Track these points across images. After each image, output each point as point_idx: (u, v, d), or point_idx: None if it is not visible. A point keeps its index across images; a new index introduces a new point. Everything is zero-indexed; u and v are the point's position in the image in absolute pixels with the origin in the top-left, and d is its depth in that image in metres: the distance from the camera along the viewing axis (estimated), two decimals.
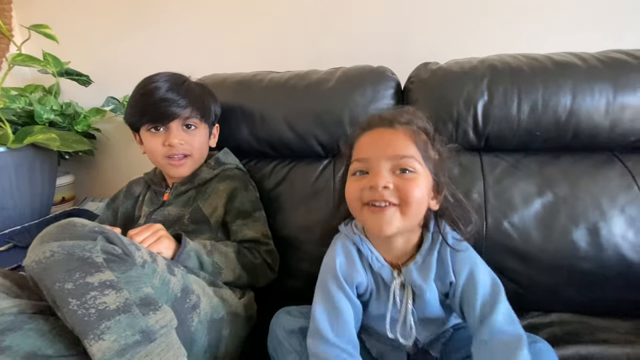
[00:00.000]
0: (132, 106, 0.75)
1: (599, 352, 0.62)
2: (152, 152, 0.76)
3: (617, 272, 0.69)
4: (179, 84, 0.75)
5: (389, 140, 0.49)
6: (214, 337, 0.60)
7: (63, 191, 1.25)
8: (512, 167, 0.77)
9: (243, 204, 0.76)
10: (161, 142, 0.74)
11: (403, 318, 0.50)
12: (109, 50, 1.23)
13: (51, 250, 0.46)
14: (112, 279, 0.46)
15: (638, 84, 0.72)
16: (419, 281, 0.50)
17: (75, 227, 0.48)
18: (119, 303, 0.45)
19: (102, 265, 0.46)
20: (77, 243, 0.47)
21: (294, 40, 1.11)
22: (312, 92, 0.85)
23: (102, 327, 0.44)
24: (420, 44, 1.04)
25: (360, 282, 0.53)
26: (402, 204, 0.47)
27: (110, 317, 0.44)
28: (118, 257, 0.48)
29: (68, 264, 0.45)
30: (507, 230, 0.73)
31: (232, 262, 0.68)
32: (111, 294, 0.45)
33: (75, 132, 1.15)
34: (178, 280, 0.57)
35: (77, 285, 0.44)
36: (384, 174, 0.47)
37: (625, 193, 0.71)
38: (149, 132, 0.75)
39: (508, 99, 0.75)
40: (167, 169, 0.78)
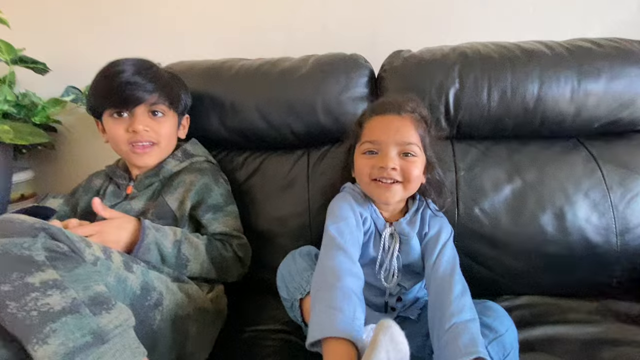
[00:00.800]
0: (94, 90, 0.70)
1: (565, 332, 0.64)
2: (115, 138, 0.71)
3: (582, 255, 0.71)
4: (146, 68, 0.71)
5: (397, 127, 0.59)
6: (179, 334, 0.57)
7: (22, 188, 1.17)
8: (482, 154, 0.78)
9: (214, 198, 0.73)
10: (124, 127, 0.70)
11: (389, 262, 0.60)
12: (67, 36, 1.15)
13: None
14: (55, 278, 0.42)
15: (602, 71, 0.74)
16: (407, 230, 0.60)
17: (12, 223, 0.44)
18: (65, 303, 0.42)
19: (43, 264, 0.43)
20: (14, 241, 0.43)
21: (264, 26, 1.08)
22: (284, 80, 0.83)
23: (47, 330, 0.40)
24: (393, 32, 1.03)
25: (365, 218, 0.61)
26: (404, 181, 0.58)
27: (55, 318, 0.41)
28: (63, 255, 0.45)
29: (4, 264, 0.41)
30: (478, 217, 0.74)
31: (201, 255, 0.66)
32: (55, 294, 0.42)
33: (32, 124, 1.07)
34: (137, 277, 0.54)
35: (15, 287, 0.41)
36: (392, 156, 0.57)
37: (589, 178, 0.73)
38: (112, 118, 0.70)
39: (479, 87, 0.76)
40: (130, 158, 0.73)
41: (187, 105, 0.79)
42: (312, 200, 0.80)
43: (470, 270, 0.72)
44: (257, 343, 0.67)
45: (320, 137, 0.84)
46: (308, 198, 0.81)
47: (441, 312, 0.51)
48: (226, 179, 0.80)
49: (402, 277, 0.62)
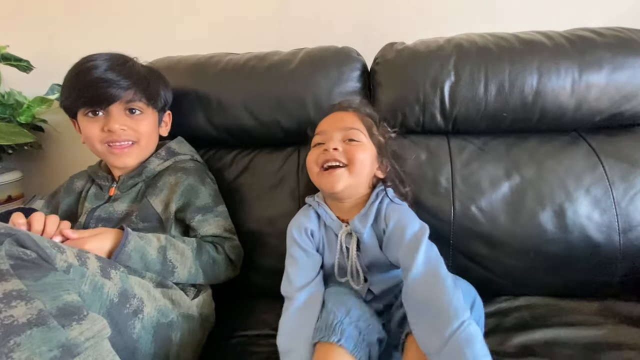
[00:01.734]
0: (66, 87, 0.67)
1: (566, 335, 0.61)
2: (90, 138, 0.67)
3: (583, 254, 0.68)
4: (120, 64, 0.67)
5: (341, 117, 0.63)
6: (161, 343, 0.55)
7: (9, 189, 1.14)
8: (479, 150, 0.75)
9: (201, 199, 0.70)
10: (99, 127, 0.66)
11: (351, 263, 0.59)
12: (51, 33, 1.12)
13: None
14: (20, 288, 0.40)
15: (603, 62, 0.70)
16: (359, 226, 0.59)
17: None
18: (30, 315, 0.39)
19: (7, 273, 0.40)
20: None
21: (253, 19, 1.05)
22: (273, 75, 0.80)
23: (11, 344, 0.37)
24: (386, 23, 1.00)
25: (312, 231, 0.62)
26: (349, 164, 0.58)
27: (19, 332, 0.38)
28: (31, 262, 0.42)
29: None
30: (475, 215, 0.71)
31: (188, 260, 0.62)
32: (20, 305, 0.39)
33: (17, 123, 1.05)
34: (114, 283, 0.51)
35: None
36: (334, 139, 0.60)
37: (590, 173, 0.70)
38: (86, 117, 0.67)
39: (475, 79, 0.73)
40: (108, 158, 0.69)
41: (167, 101, 0.75)
42: (303, 198, 0.77)
43: (467, 270, 0.70)
44: (246, 349, 0.65)
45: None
46: (299, 196, 0.78)
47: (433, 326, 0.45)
48: (213, 179, 0.77)
49: (370, 274, 0.60)
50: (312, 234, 0.62)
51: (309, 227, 0.62)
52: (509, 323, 0.65)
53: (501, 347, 0.60)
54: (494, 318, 0.67)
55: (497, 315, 0.68)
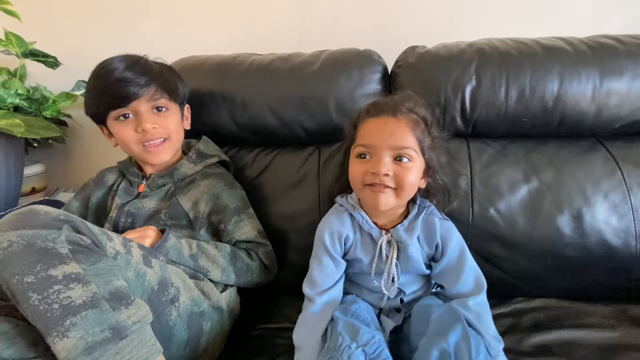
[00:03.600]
0: (89, 93, 0.69)
1: (581, 337, 0.62)
2: (125, 141, 0.69)
3: (600, 258, 0.69)
4: (135, 62, 0.69)
5: (392, 131, 0.54)
6: (194, 331, 0.57)
7: (33, 181, 1.18)
8: (498, 154, 0.76)
9: (232, 201, 0.73)
10: (133, 128, 0.68)
11: (388, 270, 0.59)
12: (78, 30, 1.15)
13: (9, 240, 0.42)
14: (78, 272, 0.43)
15: (624, 69, 0.71)
16: (405, 237, 0.58)
17: (37, 215, 0.44)
18: (86, 297, 0.42)
19: (67, 257, 0.43)
20: (39, 232, 0.43)
21: (275, 20, 1.06)
22: (295, 76, 0.81)
23: (67, 323, 0.40)
24: (408, 26, 1.01)
25: (347, 237, 0.61)
26: (398, 188, 0.55)
27: (75, 312, 0.41)
28: (86, 248, 0.45)
29: (28, 256, 0.42)
30: (493, 218, 0.72)
31: (219, 267, 0.65)
32: (77, 287, 0.42)
33: (43, 117, 1.08)
34: (155, 272, 0.54)
35: (38, 279, 0.41)
36: (385, 162, 0.54)
37: (608, 179, 0.71)
38: (118, 122, 0.68)
39: (496, 84, 0.74)
40: (144, 157, 0.71)
41: (185, 95, 0.77)
42: (323, 197, 0.79)
43: (484, 271, 0.70)
44: (268, 341, 0.67)
45: (331, 134, 0.83)
46: (319, 195, 0.80)
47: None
48: (240, 185, 0.79)
49: (402, 283, 0.60)
50: (347, 239, 0.61)
51: (344, 232, 0.61)
52: (525, 324, 0.67)
53: (518, 346, 0.61)
54: (510, 318, 0.68)
55: (513, 316, 0.69)
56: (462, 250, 0.60)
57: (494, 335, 0.54)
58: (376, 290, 0.61)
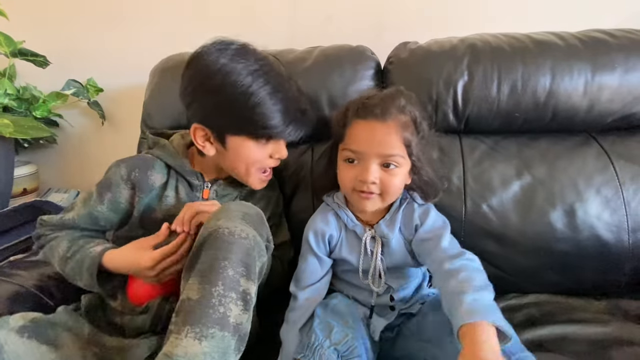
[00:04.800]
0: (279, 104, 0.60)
1: (574, 332, 0.62)
2: (251, 158, 0.62)
3: (593, 253, 0.69)
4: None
5: (380, 138, 0.55)
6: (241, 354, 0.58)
7: (24, 182, 1.17)
8: (491, 150, 0.76)
9: (279, 205, 0.74)
10: (269, 153, 0.64)
11: (373, 265, 0.60)
12: (67, 29, 1.13)
13: (247, 234, 0.46)
14: (251, 297, 0.45)
15: (616, 63, 0.71)
16: (386, 231, 0.60)
17: (265, 226, 0.50)
18: (236, 322, 0.43)
19: (255, 276, 0.45)
20: (260, 243, 0.47)
21: (265, 16, 1.06)
22: (288, 72, 0.80)
23: (212, 331, 0.41)
24: (400, 22, 1.00)
25: (331, 236, 0.63)
26: (383, 193, 0.57)
27: (224, 327, 0.41)
28: (261, 276, 0.48)
29: (245, 256, 0.45)
30: (486, 214, 0.72)
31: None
32: (239, 307, 0.43)
33: (33, 117, 1.06)
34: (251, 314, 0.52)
35: (233, 278, 0.43)
36: (372, 170, 0.55)
37: (601, 174, 0.71)
38: (258, 142, 0.61)
39: (488, 80, 0.74)
40: (250, 182, 0.65)
41: None
42: (316, 195, 0.78)
43: None
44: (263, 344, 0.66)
45: (324, 131, 0.81)
46: (312, 193, 0.79)
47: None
48: None
49: (389, 278, 0.61)
50: (330, 238, 0.63)
51: (327, 232, 0.62)
52: (518, 319, 0.67)
53: None
54: (503, 314, 0.67)
55: (506, 312, 0.66)
56: (444, 222, 0.61)
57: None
58: (365, 288, 0.62)
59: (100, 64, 0.80)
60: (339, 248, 0.63)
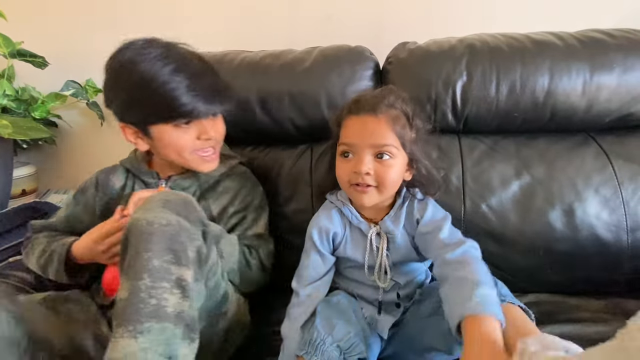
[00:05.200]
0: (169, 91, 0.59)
1: (573, 331, 0.62)
2: (181, 145, 0.62)
3: (592, 252, 0.69)
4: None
5: (372, 130, 0.56)
6: (225, 343, 0.59)
7: (23, 183, 1.17)
8: (490, 150, 0.76)
9: (254, 199, 0.73)
10: (192, 134, 0.62)
11: (379, 262, 0.60)
12: (66, 30, 1.13)
13: (168, 220, 0.43)
14: (188, 282, 0.43)
15: (614, 63, 0.71)
16: (392, 227, 0.60)
17: (195, 210, 0.47)
18: (175, 310, 0.41)
19: (190, 262, 0.43)
20: (189, 228, 0.44)
21: (265, 16, 1.06)
22: (287, 73, 0.81)
23: (146, 326, 0.39)
24: (399, 22, 1.00)
25: (335, 233, 0.63)
26: (379, 185, 0.56)
27: (160, 319, 0.40)
28: (200, 261, 0.46)
29: (171, 242, 0.43)
30: (485, 214, 0.72)
31: (234, 254, 0.63)
32: (176, 295, 0.42)
33: (32, 118, 1.06)
34: (224, 285, 0.55)
35: (161, 267, 0.41)
36: (366, 161, 0.55)
37: (599, 173, 0.72)
38: (178, 126, 0.61)
39: (487, 80, 0.74)
40: (190, 165, 0.65)
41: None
42: (316, 195, 0.79)
43: None
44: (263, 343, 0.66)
45: (324, 132, 0.80)
46: (311, 193, 0.79)
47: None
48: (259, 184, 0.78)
49: (395, 274, 0.61)
50: (335, 236, 0.62)
51: (331, 229, 0.62)
52: None
53: None
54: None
55: None
56: (445, 214, 0.61)
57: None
58: (371, 284, 0.62)
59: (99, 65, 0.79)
60: (343, 246, 0.63)
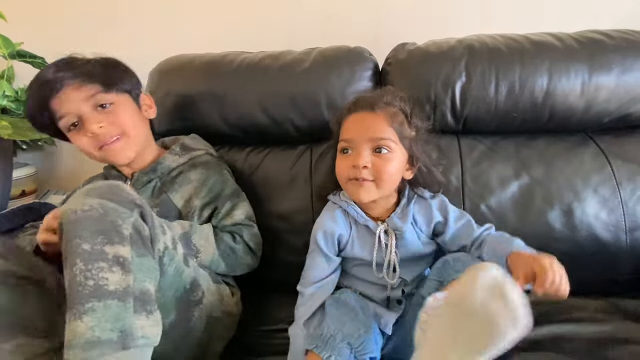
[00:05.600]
0: (29, 109, 0.64)
1: (572, 331, 0.63)
2: (85, 150, 0.65)
3: (590, 252, 0.70)
4: (65, 62, 0.65)
5: (369, 124, 0.57)
6: (208, 334, 0.58)
7: (23, 184, 1.16)
8: (489, 150, 0.76)
9: (226, 188, 0.71)
10: (84, 134, 0.64)
11: (388, 259, 0.60)
12: (66, 30, 1.14)
13: (90, 205, 0.43)
14: (127, 257, 0.43)
15: (613, 64, 0.72)
16: (400, 224, 0.60)
17: (123, 192, 0.46)
18: (119, 286, 0.41)
19: (125, 239, 0.43)
20: (116, 207, 0.44)
21: (264, 17, 1.06)
22: (286, 74, 0.81)
23: (88, 305, 0.40)
24: (398, 23, 1.01)
25: (341, 235, 0.63)
26: (376, 179, 0.57)
27: (102, 297, 0.40)
28: (142, 239, 0.45)
29: (98, 224, 0.43)
30: (484, 214, 0.72)
31: (211, 246, 0.64)
32: (117, 272, 0.42)
33: None
34: (190, 272, 0.55)
35: (92, 250, 0.41)
36: (364, 155, 0.56)
37: (598, 173, 0.72)
38: (70, 133, 0.65)
39: (486, 80, 0.74)
40: (109, 160, 0.67)
41: (133, 84, 0.71)
42: (315, 196, 0.79)
43: None
44: (263, 341, 0.67)
45: (323, 132, 0.81)
46: (311, 194, 0.80)
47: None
48: (229, 170, 0.78)
49: (403, 271, 0.61)
50: (340, 237, 0.62)
51: (337, 231, 0.62)
52: None
53: None
54: None
55: None
56: (462, 212, 0.63)
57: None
58: (378, 282, 0.62)
59: None
60: (350, 246, 0.62)
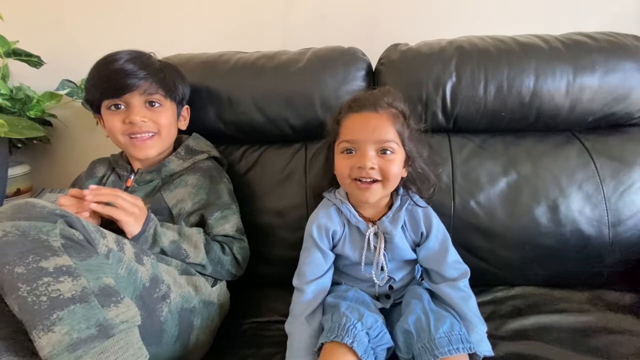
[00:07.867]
0: (89, 81, 0.69)
1: (557, 321, 0.65)
2: (112, 131, 0.69)
3: (575, 246, 0.72)
4: (138, 56, 0.69)
5: (375, 126, 0.57)
6: (185, 326, 0.58)
7: (18, 182, 1.16)
8: (479, 148, 0.79)
9: (220, 197, 0.73)
10: (121, 119, 0.68)
11: (377, 260, 0.61)
12: (61, 29, 1.14)
13: (4, 230, 0.42)
14: (69, 265, 0.43)
15: (597, 65, 0.74)
16: (390, 228, 0.61)
17: (34, 207, 0.45)
18: (75, 292, 0.42)
19: (59, 250, 0.43)
20: (34, 224, 0.43)
21: (262, 18, 1.07)
22: (281, 73, 0.82)
23: (54, 317, 0.40)
24: (391, 24, 1.03)
25: (335, 231, 0.63)
26: (384, 180, 0.57)
27: (63, 306, 0.41)
28: (78, 244, 0.45)
29: (21, 246, 0.42)
30: (474, 210, 0.75)
31: (201, 252, 0.65)
32: (67, 281, 0.42)
33: (27, 117, 1.06)
34: (147, 269, 0.54)
35: (29, 270, 0.41)
36: (370, 156, 0.56)
37: (582, 170, 0.75)
38: (109, 111, 0.69)
39: (475, 80, 0.76)
40: (130, 150, 0.71)
41: (185, 95, 0.77)
42: (310, 193, 0.80)
43: (465, 261, 0.73)
44: (257, 334, 0.68)
45: (317, 131, 0.83)
46: (306, 191, 0.81)
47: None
48: (228, 178, 0.80)
49: (391, 271, 0.63)
50: (334, 233, 0.63)
51: (331, 227, 0.63)
52: (504, 310, 0.70)
53: (497, 331, 0.64)
54: (490, 306, 0.71)
55: (493, 304, 0.72)
56: (445, 234, 0.64)
57: (480, 318, 0.57)
58: (367, 280, 0.64)
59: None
60: (342, 243, 0.63)
